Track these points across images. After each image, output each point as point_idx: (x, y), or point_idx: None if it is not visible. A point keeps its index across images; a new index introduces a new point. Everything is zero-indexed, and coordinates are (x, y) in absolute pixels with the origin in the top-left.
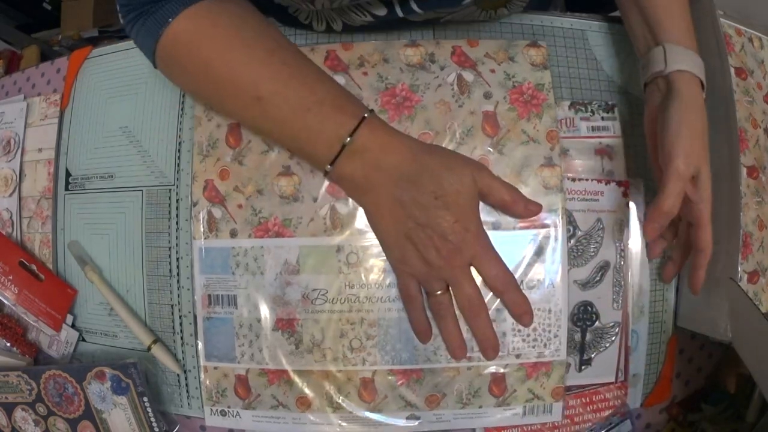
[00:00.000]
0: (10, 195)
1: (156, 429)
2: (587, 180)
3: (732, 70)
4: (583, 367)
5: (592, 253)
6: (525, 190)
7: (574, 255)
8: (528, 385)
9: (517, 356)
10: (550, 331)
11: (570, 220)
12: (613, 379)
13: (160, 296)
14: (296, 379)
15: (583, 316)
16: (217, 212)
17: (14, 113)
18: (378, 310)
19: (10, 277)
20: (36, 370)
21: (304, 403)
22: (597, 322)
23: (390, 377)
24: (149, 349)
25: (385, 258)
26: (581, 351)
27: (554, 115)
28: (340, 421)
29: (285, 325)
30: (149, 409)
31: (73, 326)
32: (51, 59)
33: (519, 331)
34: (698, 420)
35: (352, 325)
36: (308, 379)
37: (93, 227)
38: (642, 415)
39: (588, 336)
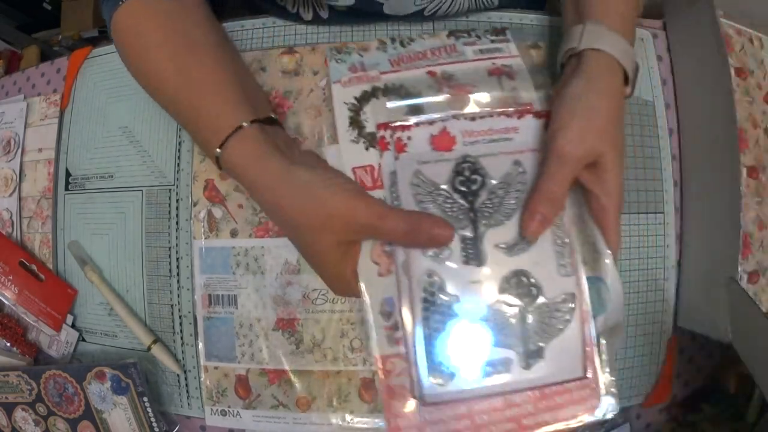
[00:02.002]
0: (10, 195)
1: (156, 429)
2: (491, 116)
3: (732, 70)
4: (531, 362)
5: (513, 206)
6: None
7: (488, 212)
8: None
9: None
10: None
11: (475, 169)
12: (579, 374)
13: (160, 296)
14: (296, 379)
15: (516, 291)
16: (218, 212)
17: (14, 113)
18: None
19: (10, 277)
20: (36, 370)
21: (304, 403)
22: (539, 297)
23: None
24: (149, 349)
25: None
26: (524, 341)
27: None
28: (340, 422)
29: (285, 324)
30: (149, 409)
31: (73, 326)
32: (51, 59)
33: None
34: (698, 420)
35: (352, 325)
36: (309, 379)
37: (93, 227)
38: (642, 415)
39: (531, 318)
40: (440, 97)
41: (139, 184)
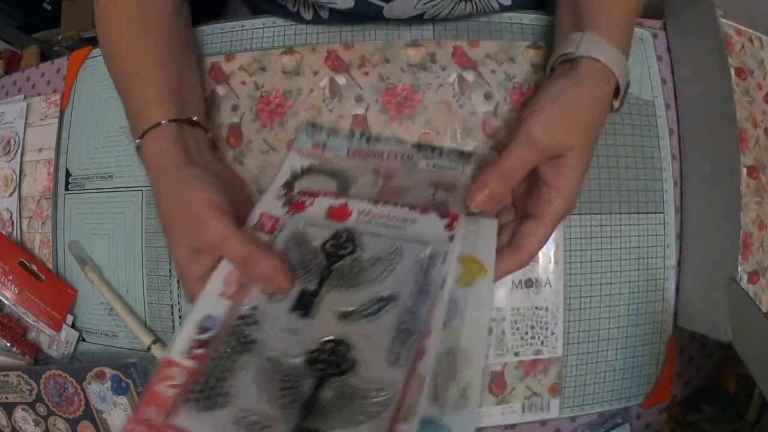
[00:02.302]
0: (10, 195)
1: None
2: (395, 205)
3: (732, 70)
4: None
5: (374, 279)
6: None
7: (342, 275)
8: (526, 382)
9: (516, 354)
10: (547, 329)
11: (351, 238)
12: None
13: (160, 296)
14: None
15: (326, 356)
16: None
17: (14, 113)
18: None
19: (10, 277)
20: (36, 370)
21: None
22: (349, 374)
23: None
24: (149, 349)
25: None
26: (303, 411)
27: None
28: None
29: None
30: None
31: (73, 326)
32: (51, 59)
33: (518, 329)
34: (698, 420)
35: None
36: None
37: (93, 227)
38: (642, 415)
39: (326, 392)
40: (370, 190)
41: (139, 184)
